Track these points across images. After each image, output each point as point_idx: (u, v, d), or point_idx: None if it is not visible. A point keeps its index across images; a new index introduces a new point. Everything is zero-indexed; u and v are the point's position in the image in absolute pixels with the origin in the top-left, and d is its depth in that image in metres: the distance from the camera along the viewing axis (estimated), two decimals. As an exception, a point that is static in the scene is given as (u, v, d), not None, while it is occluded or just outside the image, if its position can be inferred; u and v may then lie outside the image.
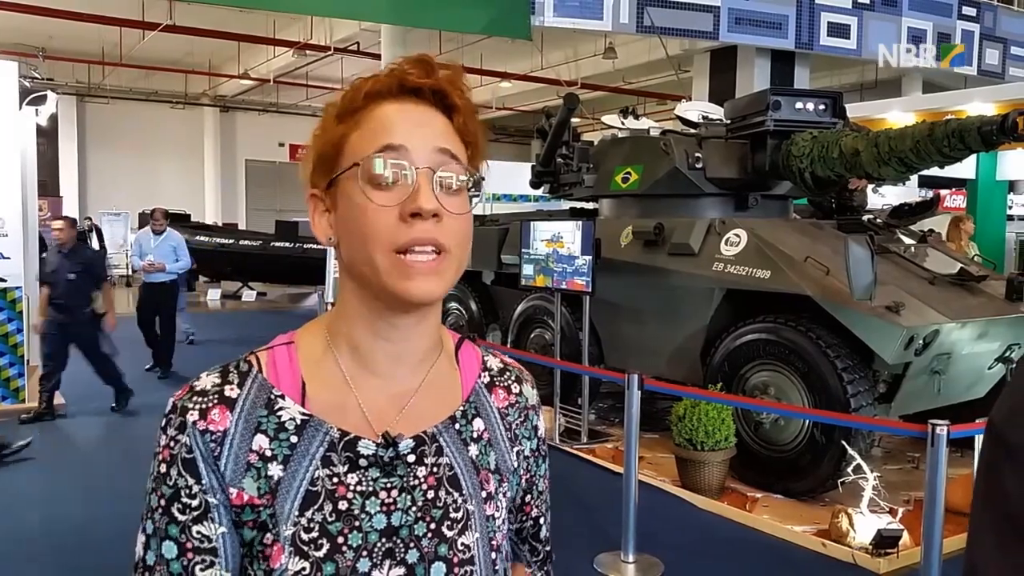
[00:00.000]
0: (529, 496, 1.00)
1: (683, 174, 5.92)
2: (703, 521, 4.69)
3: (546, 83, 19.96)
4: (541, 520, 1.03)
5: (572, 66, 19.66)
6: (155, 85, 23.95)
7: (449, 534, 0.86)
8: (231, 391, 0.84)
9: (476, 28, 13.56)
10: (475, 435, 0.92)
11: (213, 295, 16.78)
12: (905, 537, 4.08)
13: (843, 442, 4.54)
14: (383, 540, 0.82)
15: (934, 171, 5.32)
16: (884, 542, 4.03)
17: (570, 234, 5.93)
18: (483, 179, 0.90)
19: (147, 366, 8.63)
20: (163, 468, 0.82)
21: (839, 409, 4.49)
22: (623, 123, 7.20)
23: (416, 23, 13.11)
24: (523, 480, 0.98)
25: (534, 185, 7.60)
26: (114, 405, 7.03)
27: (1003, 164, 10.69)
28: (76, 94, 23.40)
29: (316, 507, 0.81)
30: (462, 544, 0.86)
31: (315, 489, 0.82)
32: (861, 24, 15.26)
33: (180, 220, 17.68)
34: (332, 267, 8.57)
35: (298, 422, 0.84)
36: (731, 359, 5.14)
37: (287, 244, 15.48)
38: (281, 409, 0.84)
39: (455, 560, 0.86)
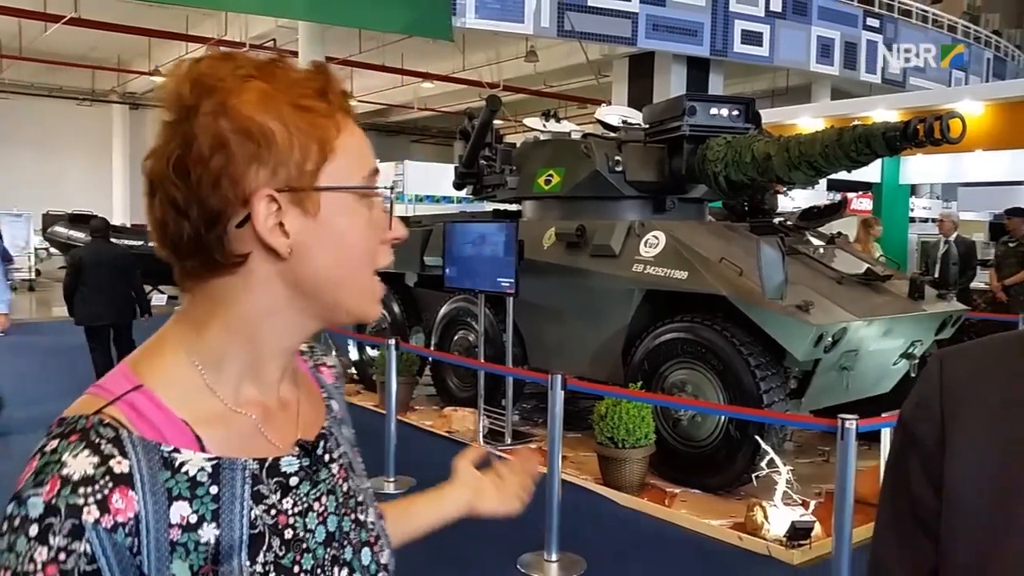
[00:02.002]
0: None
1: (604, 177, 6.01)
2: (624, 517, 4.76)
3: (468, 84, 19.98)
4: None
5: (494, 68, 19.73)
6: (59, 80, 22.97)
7: (363, 518, 0.87)
8: (119, 465, 0.67)
9: (396, 28, 13.46)
10: (338, 417, 0.93)
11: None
12: (817, 528, 4.22)
13: (757, 437, 4.67)
14: (328, 550, 0.80)
15: (842, 175, 5.53)
16: (797, 534, 4.17)
17: (493, 236, 5.94)
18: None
19: None
20: None
21: (753, 405, 4.63)
22: (545, 126, 7.26)
23: (335, 21, 12.93)
24: None
25: (457, 187, 7.59)
26: None
27: (905, 169, 11.22)
28: (-28, 88, 22.24)
29: (265, 548, 0.74)
30: (371, 523, 0.88)
31: (257, 531, 0.74)
32: (773, 32, 15.78)
33: (87, 221, 17.00)
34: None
35: (209, 470, 0.72)
36: (651, 358, 5.24)
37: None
38: (184, 464, 0.71)
39: (372, 540, 0.87)
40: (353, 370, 8.10)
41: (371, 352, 7.73)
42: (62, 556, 0.64)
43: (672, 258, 5.22)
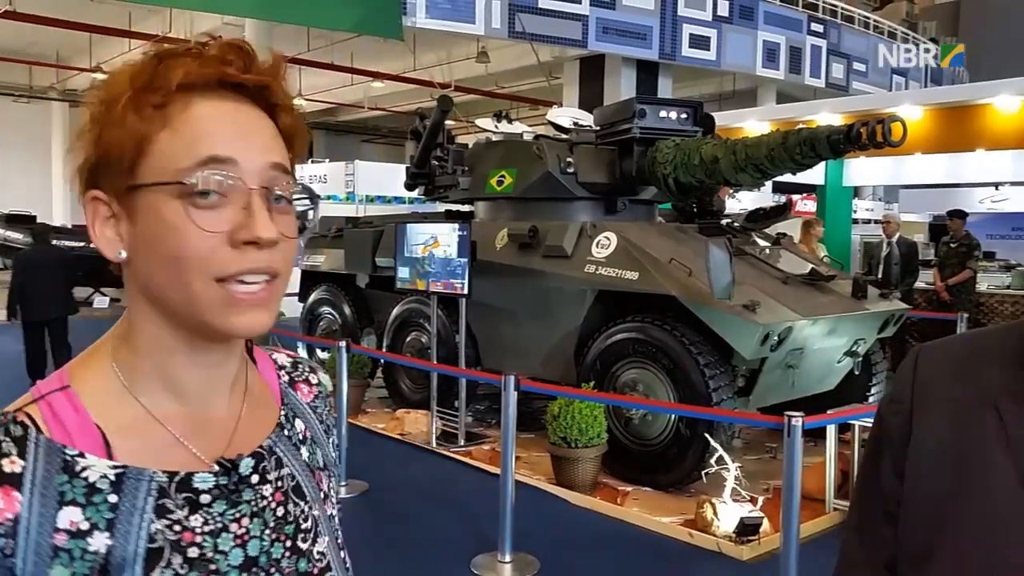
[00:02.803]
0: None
1: (556, 178, 6.03)
2: (577, 517, 4.79)
3: (419, 84, 19.87)
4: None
5: (445, 68, 19.65)
6: (-5, 76, 22.21)
7: (304, 546, 0.81)
8: (12, 465, 0.67)
9: (345, 26, 13.33)
10: (301, 437, 0.87)
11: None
12: (765, 524, 4.30)
13: (706, 435, 4.74)
14: (244, 575, 0.75)
15: (787, 177, 5.64)
16: (746, 530, 4.24)
17: (446, 236, 5.92)
18: (318, 196, 0.81)
19: None
20: None
21: (702, 403, 4.70)
22: (497, 127, 7.26)
23: (282, 18, 12.75)
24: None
25: (408, 187, 7.55)
26: None
27: (849, 171, 11.48)
28: (-99, 83, 21.40)
29: (163, 564, 0.70)
30: (317, 553, 0.83)
31: (156, 545, 0.70)
32: (720, 36, 16.03)
33: (25, 221, 16.48)
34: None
35: (112, 478, 0.70)
36: (603, 358, 5.28)
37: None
38: (85, 470, 0.69)
39: (315, 571, 0.82)
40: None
41: (321, 355, 7.65)
42: None
43: (623, 259, 5.27)
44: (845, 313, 5.22)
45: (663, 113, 5.92)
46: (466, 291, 5.79)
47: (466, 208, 7.33)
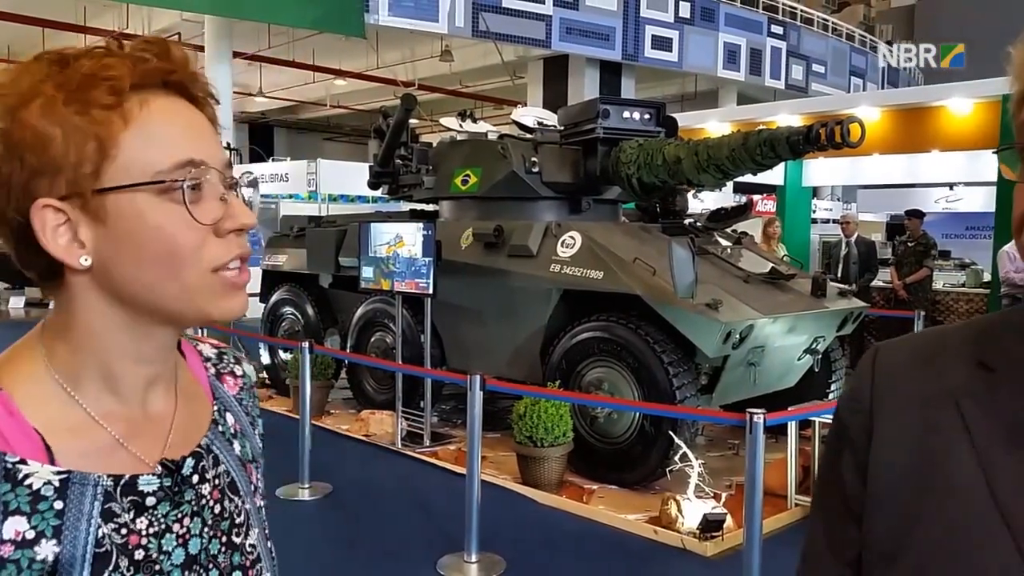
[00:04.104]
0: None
1: (521, 178, 6.04)
2: (543, 516, 4.80)
3: (382, 83, 19.76)
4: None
5: (409, 67, 19.58)
6: (-57, 71, 21.60)
7: (238, 540, 0.83)
8: None
9: (306, 23, 13.22)
10: (232, 431, 0.88)
11: (16, 302, 15.33)
12: (729, 520, 4.35)
13: (670, 432, 4.79)
14: (187, 573, 0.77)
15: (747, 178, 5.72)
16: (710, 526, 4.29)
17: (411, 236, 5.89)
18: (257, 180, 0.84)
19: None
20: None
21: (666, 401, 4.74)
22: (461, 126, 7.24)
23: (242, 15, 12.62)
24: None
25: (372, 186, 7.50)
26: None
27: (808, 172, 11.66)
28: None
29: (111, 568, 0.70)
30: (249, 546, 0.85)
31: (103, 550, 0.70)
32: (682, 38, 16.19)
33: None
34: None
35: (56, 484, 0.69)
36: (568, 357, 5.30)
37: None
38: (28, 477, 0.68)
39: (247, 563, 0.84)
40: (264, 375, 7.91)
41: (284, 355, 7.56)
42: None
43: (588, 258, 5.29)
44: (805, 311, 5.30)
45: (626, 114, 5.96)
46: (431, 291, 5.77)
47: (431, 207, 7.31)
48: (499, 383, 4.89)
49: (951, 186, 13.77)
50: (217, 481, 0.82)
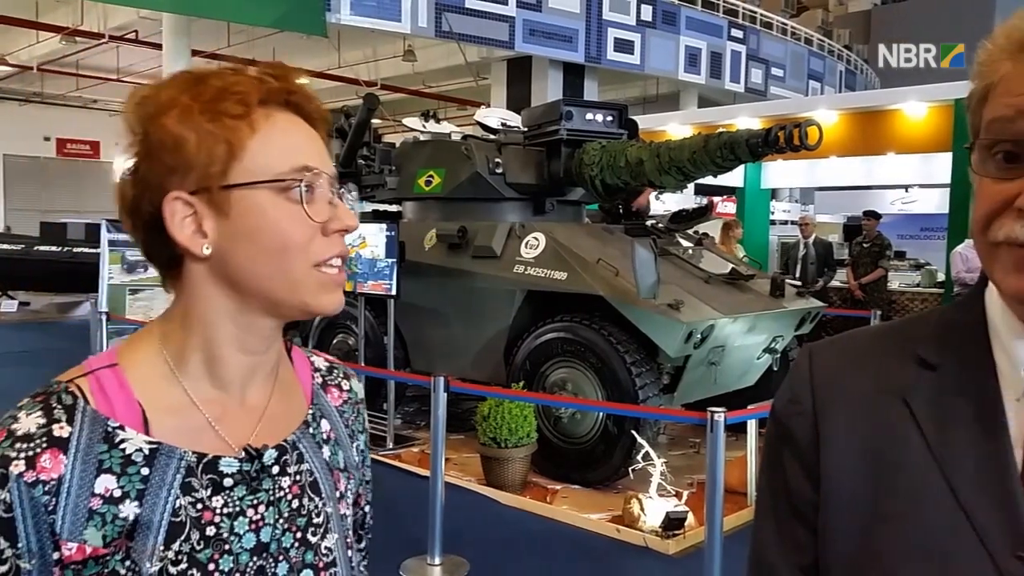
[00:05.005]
0: (362, 488, 1.03)
1: (484, 178, 6.04)
2: (507, 516, 4.81)
3: (344, 82, 19.58)
4: (367, 508, 1.08)
5: (371, 66, 19.45)
6: None
7: (313, 540, 0.87)
8: (61, 430, 0.75)
9: (267, 22, 13.05)
10: (325, 437, 0.93)
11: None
12: (690, 518, 4.39)
13: (633, 431, 4.82)
14: (254, 559, 0.82)
15: (708, 180, 5.78)
16: (672, 524, 4.33)
17: (373, 237, 5.86)
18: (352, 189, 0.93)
19: None
20: None
21: (629, 401, 4.77)
22: (424, 126, 7.22)
23: (201, 13, 12.41)
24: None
25: (334, 187, 7.43)
26: None
27: (767, 174, 11.84)
28: None
29: (183, 538, 0.77)
30: (325, 548, 0.88)
31: (178, 520, 0.78)
32: (644, 41, 16.31)
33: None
34: (105, 274, 7.93)
35: (146, 452, 0.78)
36: (532, 358, 5.31)
37: (54, 248, 13.99)
38: (124, 442, 0.77)
39: (320, 564, 0.87)
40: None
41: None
42: None
43: (552, 259, 5.31)
44: (764, 311, 5.38)
45: (589, 115, 5.99)
46: (394, 292, 5.74)
47: (394, 208, 7.27)
48: (463, 384, 4.88)
49: (906, 188, 14.06)
50: (299, 478, 0.87)
